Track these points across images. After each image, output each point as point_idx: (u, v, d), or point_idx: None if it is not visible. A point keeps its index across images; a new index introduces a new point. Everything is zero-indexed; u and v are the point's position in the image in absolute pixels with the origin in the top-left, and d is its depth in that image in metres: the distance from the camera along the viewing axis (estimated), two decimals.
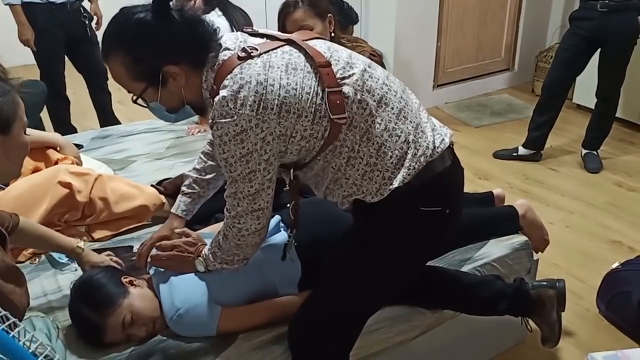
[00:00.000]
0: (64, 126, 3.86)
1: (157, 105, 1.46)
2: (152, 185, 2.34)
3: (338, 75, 1.38)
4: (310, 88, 1.35)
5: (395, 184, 1.42)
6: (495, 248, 2.09)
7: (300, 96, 1.34)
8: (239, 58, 1.35)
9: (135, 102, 1.45)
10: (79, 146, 2.74)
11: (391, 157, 1.41)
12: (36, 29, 3.56)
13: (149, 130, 3.06)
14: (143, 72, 1.38)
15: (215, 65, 1.38)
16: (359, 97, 1.39)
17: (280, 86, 1.33)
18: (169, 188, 2.32)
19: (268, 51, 1.38)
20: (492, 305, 1.90)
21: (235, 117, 1.31)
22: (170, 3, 1.36)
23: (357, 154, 1.41)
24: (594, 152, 3.78)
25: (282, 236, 1.82)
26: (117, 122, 3.77)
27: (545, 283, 1.92)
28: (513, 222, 2.16)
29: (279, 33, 1.48)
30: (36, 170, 2.26)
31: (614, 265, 2.46)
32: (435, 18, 4.53)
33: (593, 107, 3.76)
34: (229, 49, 1.38)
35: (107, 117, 3.95)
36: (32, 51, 3.66)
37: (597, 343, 2.30)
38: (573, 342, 2.31)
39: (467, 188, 3.15)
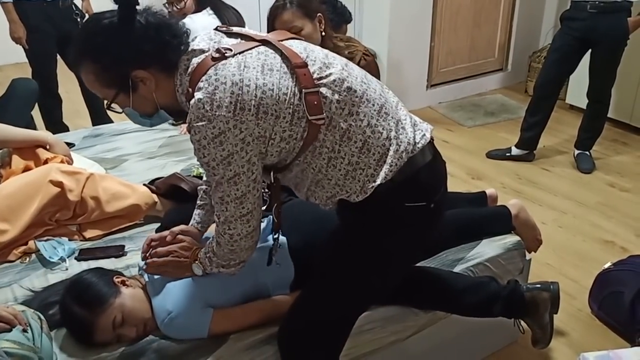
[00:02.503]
0: (56, 125, 3.84)
1: (131, 111, 1.46)
2: (144, 185, 2.33)
3: (315, 76, 1.38)
4: (287, 89, 1.34)
5: (378, 180, 1.41)
6: (488, 248, 2.09)
7: (278, 97, 1.33)
8: (213, 59, 1.34)
9: (109, 108, 1.45)
10: (70, 145, 2.73)
11: (374, 154, 1.41)
12: (28, 27, 3.54)
13: (141, 129, 3.04)
14: (112, 78, 1.37)
15: (189, 69, 1.37)
16: (336, 97, 1.38)
17: (256, 87, 1.31)
18: (161, 187, 2.31)
19: (243, 52, 1.36)
20: (486, 307, 1.90)
21: (212, 120, 1.29)
22: (138, 7, 1.35)
23: (338, 154, 1.40)
24: (587, 153, 3.79)
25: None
26: (110, 121, 3.75)
27: (539, 285, 1.92)
28: (506, 222, 2.16)
29: (255, 33, 1.47)
30: (27, 169, 2.25)
31: (606, 265, 2.46)
32: (429, 18, 4.54)
33: (585, 108, 3.77)
34: (203, 51, 1.37)
35: (99, 116, 3.93)
36: (24, 49, 3.64)
37: (590, 343, 2.30)
38: (565, 342, 2.32)
39: (460, 188, 3.18)
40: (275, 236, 1.63)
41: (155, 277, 1.72)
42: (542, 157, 3.90)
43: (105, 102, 1.43)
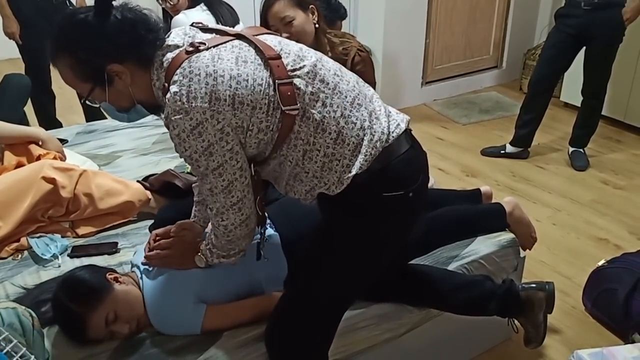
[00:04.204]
0: (49, 121, 3.81)
1: (107, 106, 1.47)
2: (137, 181, 2.32)
3: (289, 68, 1.39)
4: (262, 79, 1.36)
5: (354, 171, 1.42)
6: (483, 245, 2.09)
7: (253, 87, 1.34)
8: (187, 52, 1.36)
9: (85, 103, 1.46)
10: (63, 141, 2.72)
11: (348, 144, 1.42)
12: (21, 22, 3.51)
13: (135, 126, 3.03)
14: (88, 72, 1.38)
15: (164, 63, 1.38)
16: (310, 88, 1.40)
17: (230, 77, 1.33)
18: (155, 184, 2.30)
19: (217, 45, 1.38)
20: (481, 305, 1.91)
21: (189, 112, 1.30)
22: (114, 2, 1.36)
23: (314, 146, 1.41)
24: (581, 150, 3.80)
25: (269, 233, 1.81)
26: (103, 117, 3.73)
27: (534, 285, 1.94)
28: (500, 219, 2.17)
29: (229, 28, 1.49)
30: (19, 165, 2.23)
31: (600, 263, 2.47)
32: (424, 15, 4.53)
33: (580, 105, 3.78)
34: (177, 46, 1.39)
35: (93, 112, 3.91)
36: (17, 44, 3.61)
37: (583, 340, 2.31)
38: (559, 339, 2.32)
39: (455, 185, 3.18)
40: (262, 230, 1.63)
41: (150, 273, 1.72)
42: (537, 155, 3.91)
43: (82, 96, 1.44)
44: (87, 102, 1.45)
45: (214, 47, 1.37)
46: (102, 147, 2.84)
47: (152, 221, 2.16)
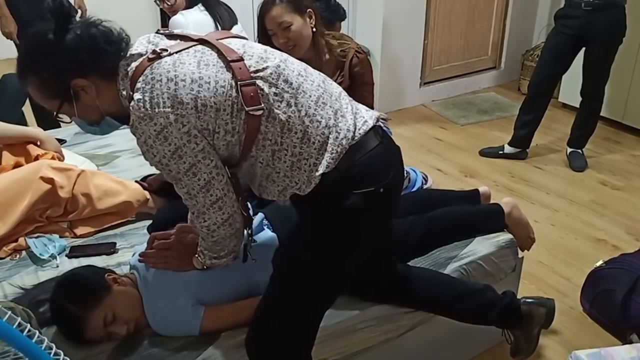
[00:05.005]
0: (48, 121, 3.80)
1: (78, 120, 1.48)
2: (136, 181, 2.32)
3: (251, 69, 1.40)
4: (224, 81, 1.37)
5: (322, 169, 1.42)
6: (481, 246, 2.09)
7: (215, 89, 1.35)
8: (149, 60, 1.37)
9: (55, 118, 1.46)
10: (61, 141, 2.72)
11: (314, 143, 1.42)
12: (19, 22, 3.50)
13: None
14: (54, 89, 1.40)
15: (129, 73, 1.39)
16: (273, 89, 1.40)
17: (192, 80, 1.34)
18: (154, 184, 2.30)
19: (179, 51, 1.40)
20: (482, 315, 1.92)
21: (153, 117, 1.32)
22: (74, 19, 1.39)
23: (281, 146, 1.42)
24: (579, 151, 3.80)
25: (266, 235, 1.81)
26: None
27: (536, 301, 1.97)
28: (499, 220, 2.17)
29: (193, 33, 1.50)
30: (17, 165, 2.23)
31: (598, 263, 2.47)
32: (422, 16, 4.53)
33: (578, 106, 3.78)
34: (141, 55, 1.40)
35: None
36: (15, 44, 3.60)
37: (581, 341, 2.31)
38: (557, 340, 2.32)
39: (453, 186, 3.18)
40: (249, 231, 1.64)
41: (148, 275, 1.71)
42: (535, 155, 3.91)
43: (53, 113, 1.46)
44: (57, 118, 1.46)
45: (176, 52, 1.39)
46: (100, 147, 2.83)
47: (151, 221, 2.16)
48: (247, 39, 1.58)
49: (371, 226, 1.55)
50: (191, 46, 1.42)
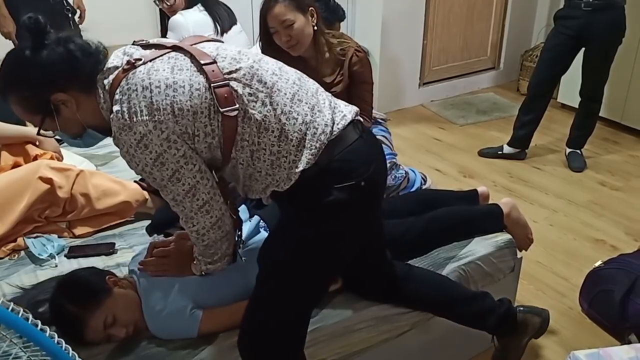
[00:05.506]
0: None
1: (61, 134, 1.50)
2: (135, 181, 2.32)
3: (224, 71, 1.42)
4: (199, 84, 1.38)
5: (301, 166, 1.43)
6: (480, 246, 2.09)
7: (190, 93, 1.37)
8: (124, 70, 1.39)
9: (38, 134, 1.49)
10: (60, 141, 2.71)
11: (292, 140, 1.43)
12: (18, 22, 3.50)
13: None
14: (35, 105, 1.42)
15: (106, 86, 1.41)
16: (247, 90, 1.41)
17: (166, 86, 1.36)
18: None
19: (153, 59, 1.41)
20: (479, 321, 1.93)
21: (132, 127, 1.34)
22: (50, 34, 1.41)
23: (259, 146, 1.43)
24: (578, 151, 3.80)
25: (262, 237, 1.81)
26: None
27: (531, 310, 1.99)
28: (497, 220, 2.17)
29: (167, 41, 1.52)
30: (16, 165, 2.23)
31: (597, 264, 2.47)
32: (421, 16, 4.53)
33: (577, 107, 3.78)
34: (117, 67, 1.42)
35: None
36: (14, 44, 3.60)
37: (580, 341, 2.31)
38: (556, 340, 2.32)
39: (452, 186, 3.18)
40: (238, 232, 1.65)
41: (147, 278, 1.71)
42: (534, 156, 3.91)
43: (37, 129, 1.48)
44: (41, 133, 1.48)
45: (150, 61, 1.40)
46: (99, 147, 2.77)
47: (149, 222, 2.16)
48: (222, 42, 1.60)
49: (354, 221, 1.54)
50: (165, 53, 1.43)
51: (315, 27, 2.24)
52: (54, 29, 3.95)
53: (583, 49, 3.52)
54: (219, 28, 3.27)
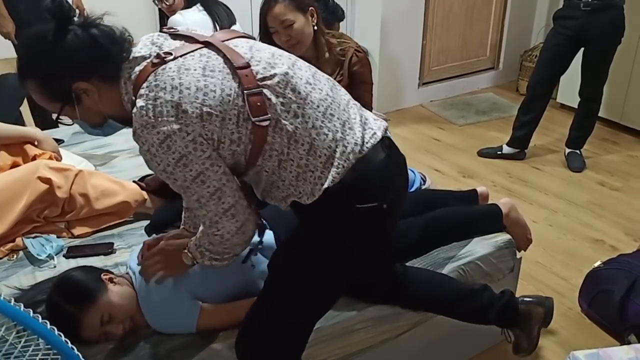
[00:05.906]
0: (45, 121, 3.80)
1: (81, 122, 1.45)
2: (134, 182, 2.32)
3: (258, 76, 1.35)
4: (230, 89, 1.32)
5: (327, 184, 1.38)
6: (479, 246, 2.09)
7: (221, 98, 1.30)
8: (153, 65, 1.33)
9: (57, 121, 1.43)
10: (59, 141, 2.71)
11: (320, 156, 1.38)
12: (17, 22, 3.50)
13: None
14: (55, 92, 1.36)
15: (132, 77, 1.35)
16: (281, 99, 1.36)
17: (197, 89, 1.29)
18: (151, 184, 2.30)
19: (184, 55, 1.35)
20: (480, 315, 1.92)
21: (156, 126, 1.27)
22: (75, 19, 1.34)
23: (288, 157, 1.38)
24: (577, 152, 3.80)
25: (266, 235, 1.80)
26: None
27: (534, 300, 1.96)
28: (497, 220, 2.17)
29: (199, 34, 1.44)
30: (15, 165, 2.23)
31: (596, 264, 2.47)
32: (421, 16, 4.53)
33: (576, 107, 3.78)
34: (145, 57, 1.35)
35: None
36: (13, 44, 3.60)
37: (579, 341, 2.31)
38: (555, 341, 2.32)
39: (451, 186, 3.18)
40: (260, 238, 1.61)
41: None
42: (533, 156, 3.91)
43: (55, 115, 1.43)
44: (59, 120, 1.43)
45: (180, 56, 1.34)
46: (98, 147, 2.83)
47: (148, 222, 2.16)
48: (254, 38, 1.53)
49: (372, 238, 1.53)
50: (196, 49, 1.37)
51: (315, 27, 2.24)
52: None
53: (582, 49, 3.52)
54: (218, 28, 3.27)
